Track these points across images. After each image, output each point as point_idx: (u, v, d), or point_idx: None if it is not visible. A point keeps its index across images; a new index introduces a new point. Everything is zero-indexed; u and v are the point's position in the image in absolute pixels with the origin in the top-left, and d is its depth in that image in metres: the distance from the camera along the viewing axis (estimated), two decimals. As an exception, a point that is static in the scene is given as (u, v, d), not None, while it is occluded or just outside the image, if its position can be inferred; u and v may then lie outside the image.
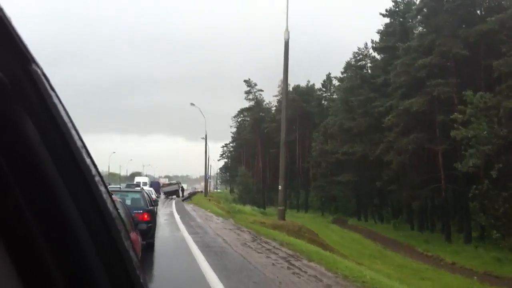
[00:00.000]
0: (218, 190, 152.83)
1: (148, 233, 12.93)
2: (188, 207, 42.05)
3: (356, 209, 65.86)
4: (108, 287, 0.77)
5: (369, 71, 61.17)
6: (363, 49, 62.44)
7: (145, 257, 10.60)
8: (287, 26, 25.66)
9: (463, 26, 39.55)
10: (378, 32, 56.13)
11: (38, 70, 0.75)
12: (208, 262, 10.70)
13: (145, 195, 15.47)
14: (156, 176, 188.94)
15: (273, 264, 11.01)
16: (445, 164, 41.75)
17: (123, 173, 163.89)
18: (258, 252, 12.88)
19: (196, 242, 14.61)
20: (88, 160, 0.80)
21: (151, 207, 15.09)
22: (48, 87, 0.76)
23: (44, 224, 0.72)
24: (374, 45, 57.58)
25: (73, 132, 0.78)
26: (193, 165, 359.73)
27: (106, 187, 0.84)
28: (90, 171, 0.79)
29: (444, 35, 38.27)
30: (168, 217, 27.59)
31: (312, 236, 25.20)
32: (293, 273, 10.04)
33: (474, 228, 39.27)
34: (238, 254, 12.37)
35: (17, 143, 0.71)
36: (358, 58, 62.65)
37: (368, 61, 62.46)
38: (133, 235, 8.08)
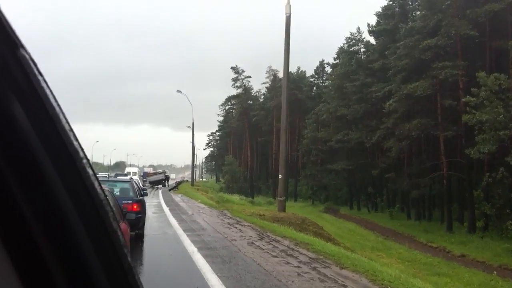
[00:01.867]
0: (204, 179, 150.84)
1: (138, 223, 12.51)
2: (177, 197, 39.49)
3: (348, 197, 63.98)
4: (98, 265, 0.79)
5: (362, 56, 58.85)
6: (355, 33, 60.09)
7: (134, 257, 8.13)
8: (288, -1, 23.25)
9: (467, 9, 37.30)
10: (376, 15, 53.62)
11: (26, 55, 0.76)
12: (216, 273, 8.24)
13: (135, 185, 14.72)
14: (141, 165, 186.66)
15: (298, 274, 8.59)
16: (447, 151, 39.80)
17: (106, 162, 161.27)
18: (273, 256, 10.45)
19: (194, 242, 12.13)
20: (76, 143, 0.80)
21: (141, 197, 14.40)
22: (36, 72, 0.77)
23: (33, 204, 0.74)
24: (370, 28, 55.10)
25: (61, 116, 0.79)
26: (178, 154, 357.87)
27: (93, 170, 0.83)
28: (78, 153, 0.80)
29: (451, 15, 35.98)
30: (156, 209, 25.07)
31: (316, 229, 22.94)
32: (330, 288, 7.65)
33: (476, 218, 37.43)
34: (250, 259, 9.92)
35: (6, 127, 0.72)
36: (351, 43, 60.23)
37: (362, 46, 60.08)
38: (122, 225, 7.63)
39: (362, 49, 59.40)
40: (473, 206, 36.42)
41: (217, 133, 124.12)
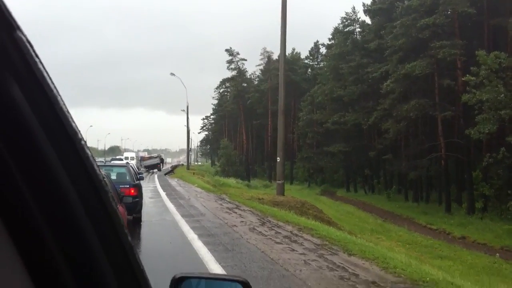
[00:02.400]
0: (199, 163, 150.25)
1: (135, 207, 12.60)
2: (173, 181, 39.04)
3: (345, 180, 63.77)
4: (99, 246, 0.81)
5: (358, 36, 58.03)
6: (351, 13, 59.20)
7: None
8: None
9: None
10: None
11: (23, 37, 0.76)
12: (219, 263, 7.79)
13: (131, 169, 14.70)
14: (135, 150, 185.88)
15: (305, 262, 8.15)
16: (444, 132, 39.42)
17: (101, 147, 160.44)
18: (277, 243, 10.01)
19: (194, 228, 11.67)
20: (73, 125, 0.81)
21: (137, 182, 14.41)
22: (33, 54, 0.77)
23: (34, 186, 0.74)
24: (365, 8, 54.27)
25: (59, 98, 0.80)
26: (172, 138, 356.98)
27: (90, 151, 0.84)
28: (76, 134, 0.81)
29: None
30: (152, 194, 24.60)
31: (316, 212, 22.55)
32: (341, 277, 7.20)
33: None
34: (254, 246, 9.48)
35: (5, 109, 0.72)
36: (346, 23, 59.32)
37: (357, 26, 59.26)
38: (119, 208, 7.13)
39: (358, 29, 58.60)
40: (472, 187, 36.16)
41: (212, 117, 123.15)
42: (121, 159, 38.14)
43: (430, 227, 33.82)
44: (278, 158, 23.83)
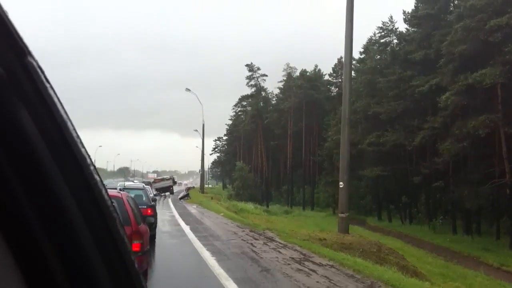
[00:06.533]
0: (209, 186, 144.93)
1: (151, 226, 12.45)
2: (192, 208, 33.20)
3: (375, 207, 57.54)
4: (105, 273, 0.79)
5: (395, 47, 52.34)
6: (387, 23, 53.71)
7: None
8: None
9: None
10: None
11: (34, 63, 0.76)
12: None
13: (147, 192, 17.26)
14: (144, 171, 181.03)
15: None
16: (510, 153, 33.24)
17: (110, 168, 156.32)
18: None
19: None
20: (83, 150, 0.80)
21: (153, 203, 17.10)
22: (44, 79, 0.77)
23: (40, 212, 0.73)
24: (406, 16, 48.75)
25: (69, 123, 0.79)
26: (182, 160, 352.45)
27: (99, 176, 0.83)
28: (85, 161, 0.80)
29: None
30: (172, 227, 18.84)
31: (398, 259, 16.51)
32: None
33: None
34: None
35: (13, 134, 0.71)
36: (383, 33, 53.72)
37: (394, 37, 53.71)
38: (142, 227, 8.12)
39: (395, 40, 52.99)
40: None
41: (225, 138, 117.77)
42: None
43: (506, 270, 27.57)
44: (341, 183, 17.93)
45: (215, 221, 22.24)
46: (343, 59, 64.25)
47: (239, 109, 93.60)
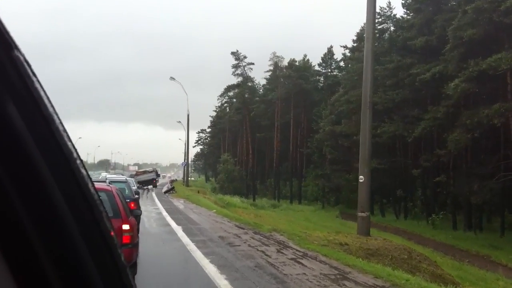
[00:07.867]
0: (192, 178, 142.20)
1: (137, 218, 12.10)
2: (179, 203, 30.31)
3: (369, 201, 55.17)
4: (92, 266, 0.79)
5: (392, 34, 49.84)
6: (385, 8, 51.13)
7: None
8: None
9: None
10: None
11: (20, 56, 0.76)
12: None
13: (130, 185, 17.59)
14: (125, 164, 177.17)
15: None
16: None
17: (90, 160, 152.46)
18: None
19: None
20: (69, 144, 0.81)
21: (136, 196, 16.95)
22: (30, 73, 0.77)
23: (27, 205, 0.73)
24: (404, 1, 46.25)
25: (55, 116, 0.79)
26: (163, 153, 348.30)
27: (86, 170, 0.84)
28: (72, 154, 0.80)
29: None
30: (159, 228, 16.02)
31: (431, 266, 13.97)
32: None
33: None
34: None
35: (0, 128, 0.71)
36: (380, 20, 51.05)
37: (391, 24, 51.22)
38: (131, 220, 8.04)
39: (392, 28, 50.50)
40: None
41: (208, 130, 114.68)
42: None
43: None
44: (361, 177, 15.36)
45: (209, 220, 19.44)
46: (333, 49, 61.26)
47: (224, 99, 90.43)
